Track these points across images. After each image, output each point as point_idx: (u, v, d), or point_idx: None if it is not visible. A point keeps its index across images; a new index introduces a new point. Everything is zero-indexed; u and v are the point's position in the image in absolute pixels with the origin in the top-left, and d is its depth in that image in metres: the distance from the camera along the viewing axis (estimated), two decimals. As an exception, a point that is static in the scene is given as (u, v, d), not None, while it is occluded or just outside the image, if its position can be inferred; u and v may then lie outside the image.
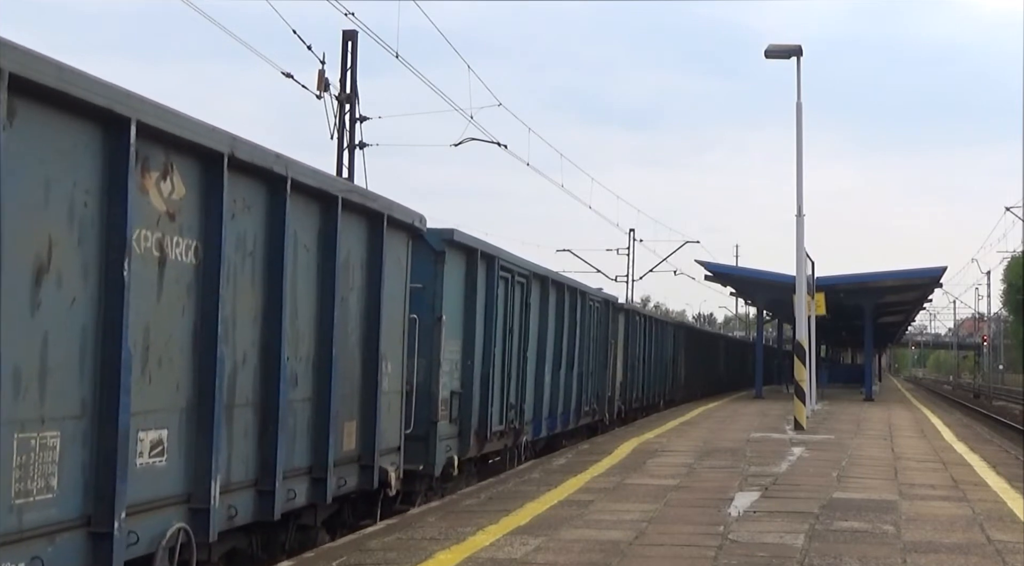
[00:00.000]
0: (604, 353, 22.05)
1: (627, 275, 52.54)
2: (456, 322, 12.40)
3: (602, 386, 21.91)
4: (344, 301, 8.71)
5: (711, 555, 7.81)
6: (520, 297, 15.13)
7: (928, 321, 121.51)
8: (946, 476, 13.27)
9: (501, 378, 14.09)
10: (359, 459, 9.19)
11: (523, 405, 15.19)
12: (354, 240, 8.94)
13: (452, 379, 12.24)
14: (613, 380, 23.34)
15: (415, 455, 11.18)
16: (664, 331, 31.10)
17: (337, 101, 22.55)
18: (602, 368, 21.84)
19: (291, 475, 7.89)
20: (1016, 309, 73.06)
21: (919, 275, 35.83)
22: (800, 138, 23.68)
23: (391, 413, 9.93)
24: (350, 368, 8.92)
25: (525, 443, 15.57)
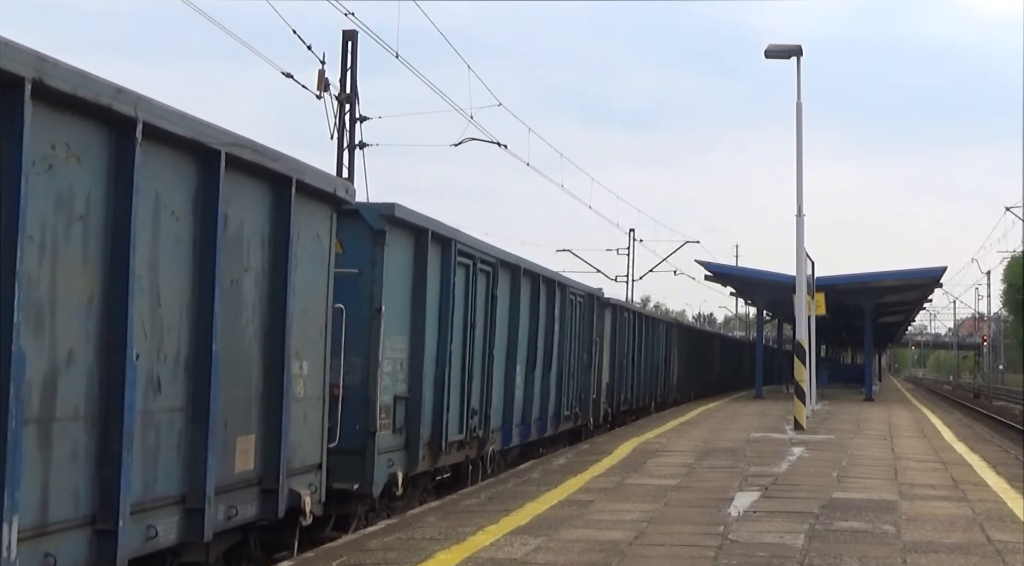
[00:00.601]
0: (588, 352, 19.95)
1: (627, 275, 52.37)
2: (401, 315, 10.58)
3: (586, 388, 19.80)
4: (235, 285, 6.90)
5: (711, 555, 7.64)
6: (485, 288, 13.18)
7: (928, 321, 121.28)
8: (946, 476, 12.97)
9: (461, 380, 12.22)
10: (260, 481, 7.28)
11: (489, 411, 13.34)
12: (250, 209, 7.06)
13: (396, 382, 10.42)
14: (599, 381, 21.37)
15: (348, 472, 9.53)
16: (655, 329, 29.12)
17: (337, 101, 22.37)
18: (585, 368, 19.71)
19: (152, 507, 6.03)
20: (1016, 309, 72.74)
21: (919, 275, 35.51)
22: (800, 138, 23.03)
23: (308, 424, 8.04)
24: (244, 369, 7.10)
25: (492, 454, 13.72)
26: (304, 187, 7.69)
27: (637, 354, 26.03)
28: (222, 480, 6.72)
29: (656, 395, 29.29)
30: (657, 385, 29.44)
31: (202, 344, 6.48)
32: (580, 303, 19.15)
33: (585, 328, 19.64)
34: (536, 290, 15.70)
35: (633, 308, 27.15)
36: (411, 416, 10.79)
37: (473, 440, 12.84)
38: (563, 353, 17.71)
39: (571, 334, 18.36)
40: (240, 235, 6.99)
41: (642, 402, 26.92)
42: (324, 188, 8.15)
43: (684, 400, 33.63)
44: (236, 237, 6.92)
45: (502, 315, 14.01)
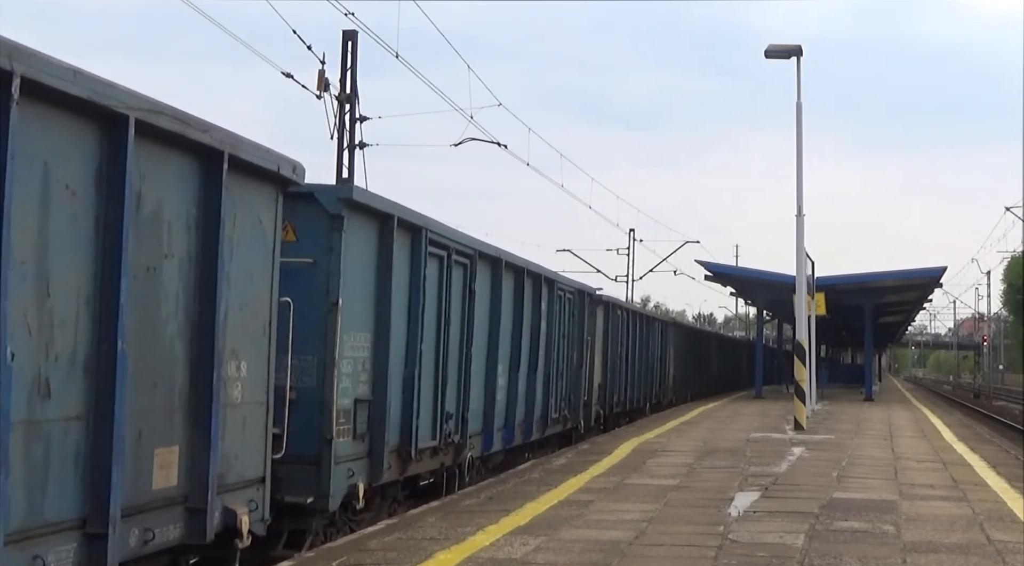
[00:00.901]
0: (579, 352, 18.75)
1: (627, 275, 52.30)
2: (363, 309, 9.56)
3: (576, 389, 18.63)
4: (152, 274, 5.91)
5: (711, 555, 7.59)
6: (462, 281, 12.15)
7: (928, 321, 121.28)
8: (946, 476, 12.87)
9: (434, 381, 11.17)
10: (185, 499, 6.29)
11: (466, 414, 12.23)
12: (171, 187, 6.06)
13: (357, 383, 9.40)
14: (590, 382, 20.18)
15: (302, 484, 8.57)
16: (650, 328, 27.94)
17: (337, 101, 22.31)
18: (576, 369, 18.55)
19: (39, 534, 5.06)
20: (1016, 309, 72.59)
21: (919, 275, 35.41)
22: (800, 138, 22.71)
23: (247, 432, 7.05)
24: (165, 371, 6.12)
25: (471, 460, 12.63)
26: (240, 164, 6.68)
27: (631, 354, 24.98)
28: (134, 499, 5.71)
29: (651, 396, 28.27)
30: (652, 386, 28.37)
31: (105, 341, 5.44)
32: (570, 300, 18.06)
33: (575, 326, 18.54)
34: (520, 285, 14.65)
35: (627, 306, 25.90)
36: (375, 421, 9.75)
37: (448, 446, 11.80)
38: (551, 352, 16.58)
39: (559, 333, 17.26)
40: (158, 216, 5.97)
41: (637, 404, 25.98)
42: (265, 166, 7.11)
43: (680, 401, 32.70)
44: (153, 218, 5.89)
45: (482, 311, 12.97)
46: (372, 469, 9.74)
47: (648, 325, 27.80)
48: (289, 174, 7.50)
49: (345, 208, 9.03)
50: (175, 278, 6.22)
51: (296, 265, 8.58)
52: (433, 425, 11.29)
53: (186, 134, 6.07)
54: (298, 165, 7.64)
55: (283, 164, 7.41)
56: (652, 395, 28.39)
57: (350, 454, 9.28)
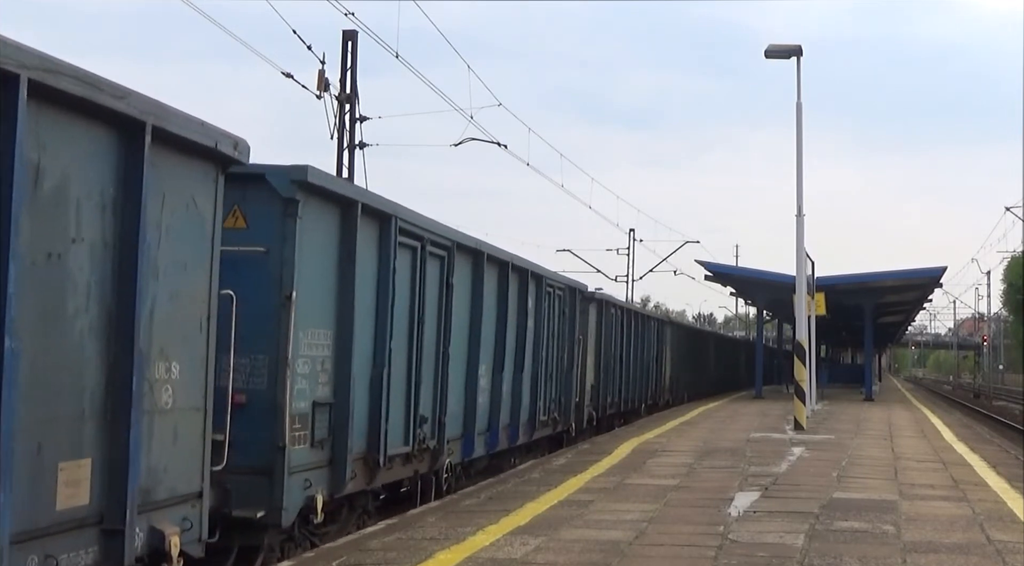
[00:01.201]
0: (569, 351, 17.90)
1: (627, 275, 52.35)
2: (323, 304, 8.71)
3: (567, 391, 17.74)
4: (56, 261, 5.06)
5: (711, 555, 7.56)
6: (438, 275, 11.30)
7: (928, 321, 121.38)
8: (946, 476, 12.82)
9: (406, 383, 10.36)
10: (101, 520, 5.46)
11: (443, 418, 11.35)
12: (80, 161, 5.18)
13: (315, 385, 8.53)
14: (582, 383, 19.32)
15: (251, 497, 7.70)
16: (646, 327, 26.99)
17: (337, 101, 22.30)
18: (566, 369, 17.68)
19: None
20: (1016, 309, 72.54)
21: (919, 275, 35.35)
22: (800, 138, 22.54)
23: (180, 441, 6.23)
24: (72, 374, 5.26)
25: (449, 467, 11.80)
26: (169, 137, 5.89)
27: (626, 353, 24.09)
28: (33, 522, 4.86)
29: (647, 397, 27.35)
30: (648, 387, 27.50)
31: (-13, 338, 4.39)
32: (559, 297, 17.15)
33: (566, 325, 17.61)
34: (504, 280, 13.77)
35: (621, 304, 24.62)
36: (337, 426, 8.86)
37: (423, 452, 10.94)
38: (539, 352, 15.68)
39: (548, 331, 16.34)
40: (63, 194, 5.07)
41: (631, 405, 25.10)
42: (200, 141, 6.22)
43: (677, 402, 31.88)
44: (56, 196, 5.00)
45: (461, 307, 12.11)
46: (333, 479, 8.84)
47: (643, 324, 26.90)
48: (229, 151, 6.52)
49: (300, 191, 8.16)
50: (85, 266, 5.33)
51: (246, 254, 7.88)
52: (406, 430, 10.46)
53: (96, 100, 5.21)
54: (241, 141, 6.69)
55: (222, 140, 6.46)
56: (648, 396, 27.50)
57: (307, 463, 8.40)
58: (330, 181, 8.83)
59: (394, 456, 10.16)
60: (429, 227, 10.93)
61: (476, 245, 12.60)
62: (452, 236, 11.70)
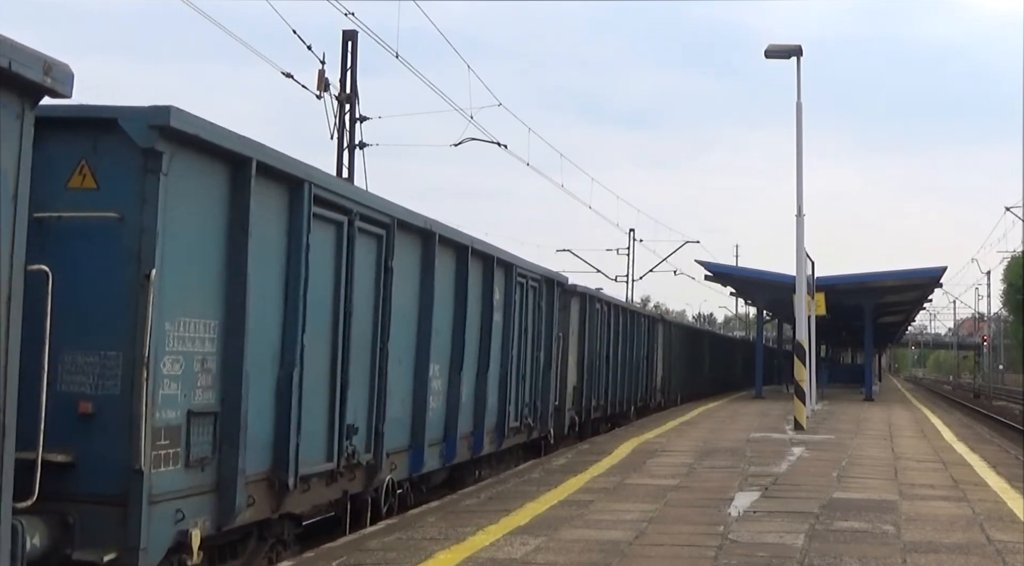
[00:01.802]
0: (547, 350, 16.05)
1: (627, 275, 52.44)
2: (203, 287, 6.91)
3: (543, 393, 15.90)
4: None
5: (711, 555, 7.60)
6: (374, 257, 9.48)
7: (928, 321, 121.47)
8: (946, 476, 12.87)
9: (328, 386, 8.59)
10: None
11: (381, 427, 9.55)
12: None
13: (191, 390, 6.74)
14: (563, 385, 17.81)
15: (100, 534, 6.17)
16: (636, 324, 25.35)
17: (337, 101, 22.33)
18: (543, 370, 15.87)
19: None
20: (1016, 309, 72.53)
21: (919, 275, 35.34)
22: (800, 138, 22.67)
23: None
24: None
25: (391, 484, 9.99)
26: None
27: (613, 352, 22.58)
28: None
29: (636, 399, 25.82)
30: (638, 388, 25.91)
31: None
32: (534, 289, 15.33)
33: (542, 320, 15.79)
34: (463, 267, 11.97)
35: (607, 299, 22.85)
36: (224, 441, 7.04)
37: (354, 468, 9.12)
38: (508, 350, 13.88)
39: (521, 327, 14.57)
40: None
41: (620, 407, 23.65)
42: None
43: (670, 404, 30.66)
44: None
45: (406, 298, 10.34)
46: (220, 508, 7.01)
47: (633, 321, 25.34)
48: (36, 77, 4.61)
49: (164, 140, 6.37)
50: None
51: (96, 222, 6.31)
52: (329, 443, 8.67)
53: None
54: (57, 65, 4.77)
55: (22, 59, 4.54)
56: (638, 398, 26.05)
57: (179, 489, 6.61)
58: (207, 129, 6.75)
59: (311, 475, 8.32)
60: (360, 198, 9.15)
61: (426, 224, 10.67)
62: (391, 211, 9.74)
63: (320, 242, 8.33)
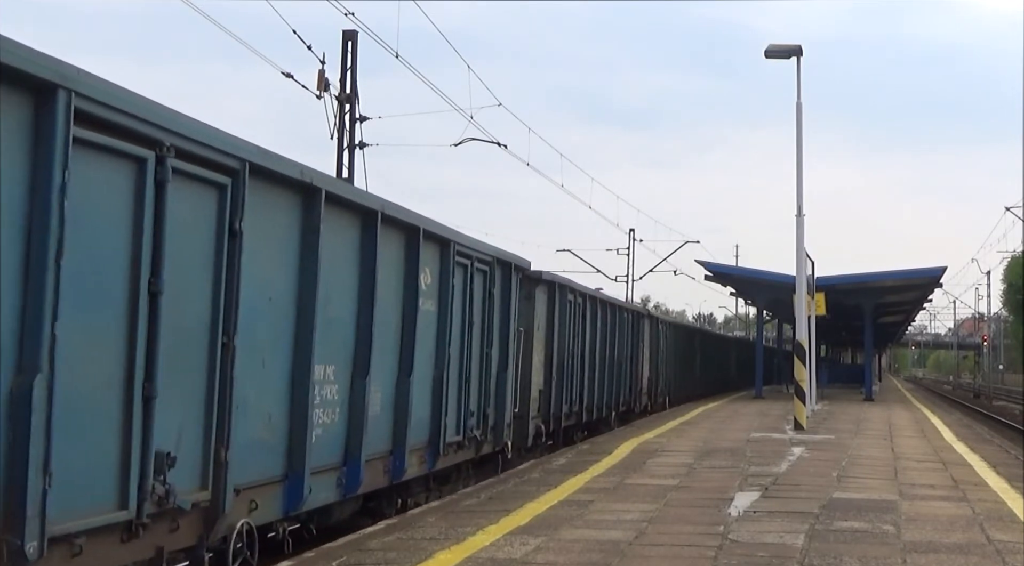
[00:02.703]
0: (504, 346, 13.37)
1: (627, 275, 52.52)
2: None
3: (498, 399, 13.21)
4: None
5: (711, 555, 7.57)
6: (211, 214, 6.86)
7: (928, 321, 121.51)
8: (946, 476, 12.84)
9: (121, 396, 6.03)
10: None
11: (224, 454, 6.94)
12: None
13: None
14: (525, 389, 15.34)
15: None
16: (619, 319, 22.85)
17: (337, 101, 22.34)
18: (498, 370, 13.18)
19: None
20: (1016, 309, 72.80)
21: (919, 275, 35.33)
22: (800, 138, 22.62)
23: None
24: None
25: (246, 531, 7.38)
26: None
27: (590, 351, 19.92)
28: None
29: (619, 403, 23.26)
30: (620, 391, 23.41)
31: None
32: (484, 273, 12.56)
33: (496, 311, 12.99)
34: (371, 239, 9.26)
35: (583, 289, 19.76)
36: None
37: (174, 516, 6.53)
38: (443, 347, 11.19)
39: (464, 319, 11.87)
40: None
41: (598, 413, 21.01)
42: None
43: (658, 408, 28.46)
44: None
45: (269, 275, 7.68)
46: None
47: (614, 315, 22.54)
48: None
49: None
50: None
51: None
52: (121, 481, 6.03)
53: None
54: None
55: None
56: (620, 402, 23.51)
57: None
58: None
59: (83, 533, 5.72)
60: (175, 126, 6.34)
61: (304, 176, 7.92)
62: (240, 151, 7.09)
63: (89, 181, 5.70)
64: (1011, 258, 69.85)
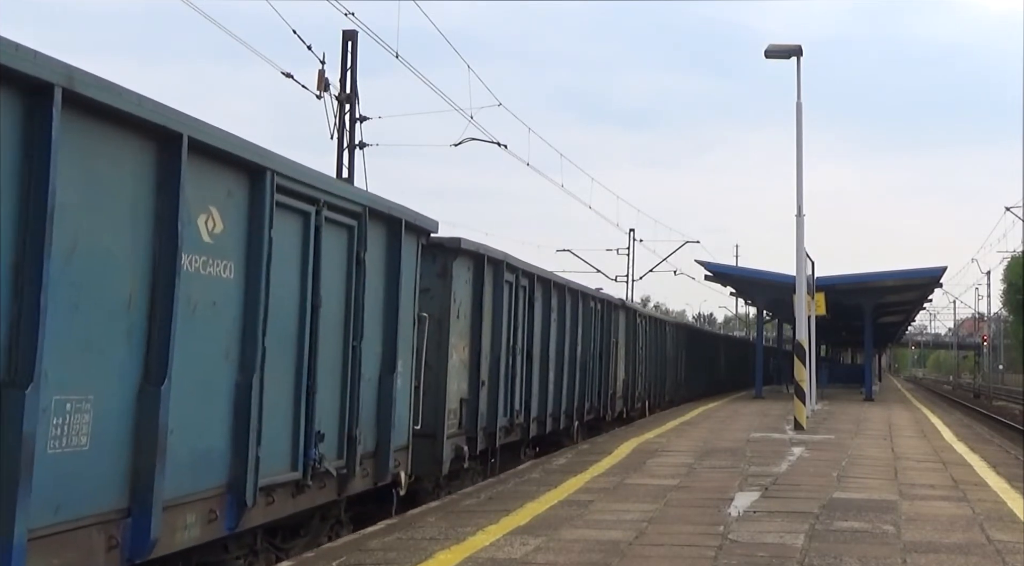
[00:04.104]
0: (388, 340, 9.51)
1: (627, 275, 52.52)
2: None
3: (380, 413, 9.38)
4: None
5: (711, 555, 7.55)
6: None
7: (928, 321, 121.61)
8: (946, 476, 12.80)
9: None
10: None
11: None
12: None
13: None
14: (437, 396, 11.42)
15: None
16: (582, 309, 18.54)
17: (337, 101, 22.38)
18: (376, 371, 9.35)
19: None
20: (1016, 309, 72.83)
21: (919, 275, 35.35)
22: (800, 138, 22.63)
23: None
24: None
25: None
26: None
27: (542, 347, 15.86)
28: None
29: (583, 411, 19.13)
30: (586, 396, 19.36)
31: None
32: (349, 230, 8.72)
33: (371, 289, 9.13)
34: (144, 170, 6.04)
35: (528, 268, 14.96)
36: None
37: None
38: (254, 336, 7.14)
39: (305, 296, 7.92)
40: None
41: (555, 424, 16.95)
42: None
43: (636, 414, 24.98)
44: None
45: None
46: None
47: (579, 305, 18.41)
48: None
49: None
50: None
51: None
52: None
53: None
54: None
55: None
56: (585, 409, 19.41)
57: None
58: None
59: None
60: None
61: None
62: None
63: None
64: (1011, 258, 69.88)
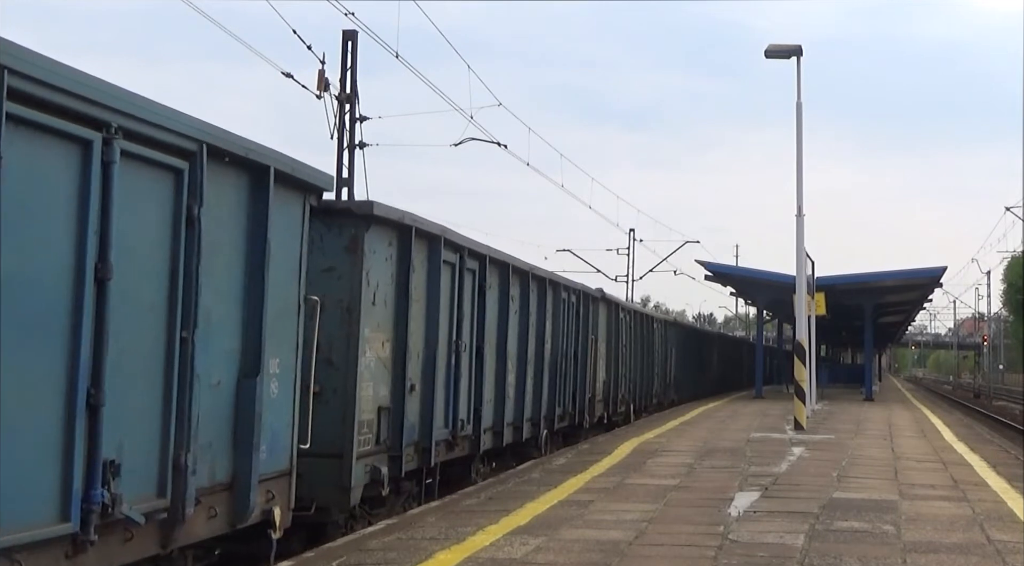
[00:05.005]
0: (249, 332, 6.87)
1: (627, 275, 52.49)
2: None
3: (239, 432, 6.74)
4: None
5: (711, 555, 7.57)
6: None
7: (928, 321, 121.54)
8: (946, 476, 12.81)
9: None
10: None
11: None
12: None
13: None
14: (344, 407, 9.15)
15: None
16: (550, 301, 16.30)
17: (337, 101, 22.39)
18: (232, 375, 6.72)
19: None
20: (1016, 309, 72.81)
21: (919, 275, 35.32)
22: (800, 138, 22.58)
23: None
24: None
25: None
26: None
27: (500, 344, 13.68)
28: None
29: (554, 418, 16.92)
30: (559, 401, 17.20)
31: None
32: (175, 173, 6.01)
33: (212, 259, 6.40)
34: None
35: (474, 246, 12.52)
36: None
37: None
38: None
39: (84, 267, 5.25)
40: None
41: (517, 435, 14.66)
42: None
43: (620, 419, 22.94)
44: None
45: None
46: None
47: (547, 296, 16.20)
48: None
49: None
50: None
51: None
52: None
53: None
54: None
55: None
56: (557, 416, 17.14)
57: None
58: None
59: None
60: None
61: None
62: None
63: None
64: (1011, 258, 69.86)
